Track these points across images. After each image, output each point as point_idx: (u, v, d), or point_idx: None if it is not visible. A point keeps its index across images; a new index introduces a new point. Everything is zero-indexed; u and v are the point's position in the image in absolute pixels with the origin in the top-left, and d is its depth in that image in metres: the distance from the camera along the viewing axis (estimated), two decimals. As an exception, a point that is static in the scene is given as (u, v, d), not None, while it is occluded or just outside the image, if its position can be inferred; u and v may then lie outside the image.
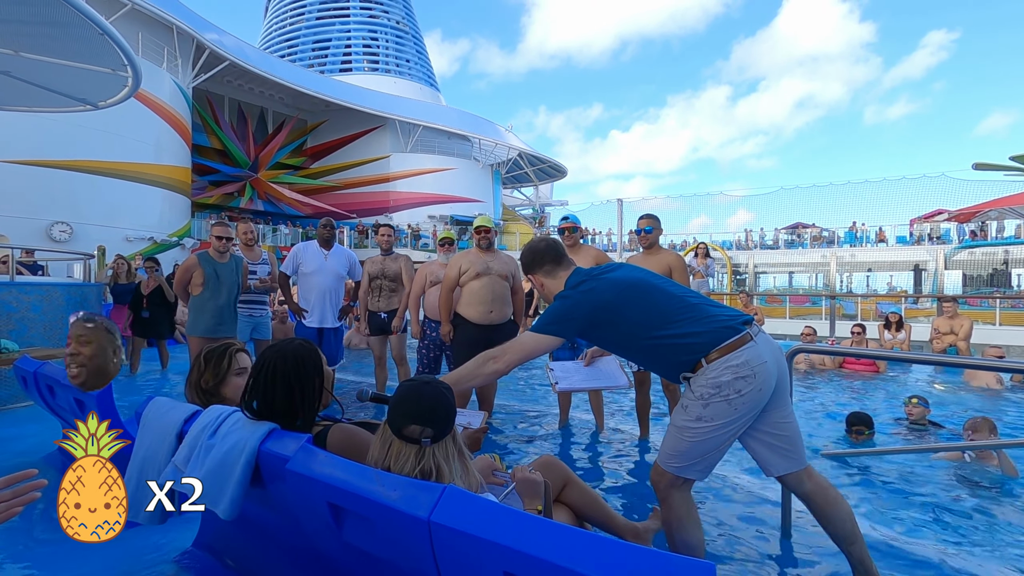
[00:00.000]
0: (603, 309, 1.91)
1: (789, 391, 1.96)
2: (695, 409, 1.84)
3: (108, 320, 2.71)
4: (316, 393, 1.72)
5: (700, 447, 1.85)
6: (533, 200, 40.26)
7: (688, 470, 1.90)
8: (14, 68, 6.04)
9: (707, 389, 1.82)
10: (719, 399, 1.80)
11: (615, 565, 1.00)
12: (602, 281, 1.96)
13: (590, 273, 2.02)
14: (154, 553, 2.14)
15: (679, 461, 1.90)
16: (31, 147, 15.30)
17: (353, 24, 35.58)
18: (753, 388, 1.79)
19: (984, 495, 3.05)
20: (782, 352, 1.94)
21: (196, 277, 4.30)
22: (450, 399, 1.46)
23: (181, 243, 19.56)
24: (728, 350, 1.81)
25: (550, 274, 2.12)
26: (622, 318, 1.91)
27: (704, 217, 37.76)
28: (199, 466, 1.59)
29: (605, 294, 1.92)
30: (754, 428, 1.91)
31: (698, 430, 1.84)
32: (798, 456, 1.93)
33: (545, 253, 2.14)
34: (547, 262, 2.12)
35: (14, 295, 4.98)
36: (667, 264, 3.68)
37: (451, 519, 1.15)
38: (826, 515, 1.94)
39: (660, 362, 1.97)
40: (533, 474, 1.79)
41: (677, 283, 2.04)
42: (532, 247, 2.19)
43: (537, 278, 2.16)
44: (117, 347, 2.63)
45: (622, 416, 4.63)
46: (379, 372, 5.12)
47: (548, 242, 2.19)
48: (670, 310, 1.89)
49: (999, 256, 20.11)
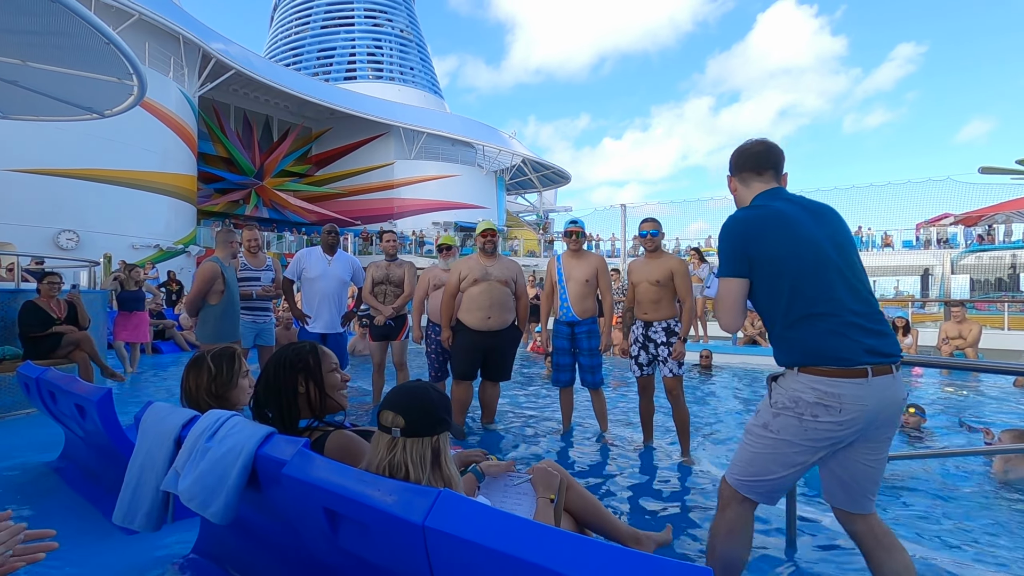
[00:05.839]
0: (755, 244, 1.68)
1: (890, 438, 1.71)
2: (764, 415, 1.70)
3: None
4: (292, 394, 1.72)
5: (761, 460, 1.69)
6: (537, 206, 40.30)
7: (748, 487, 1.73)
8: (21, 78, 6.11)
9: (783, 399, 1.65)
10: (791, 414, 1.63)
11: (612, 570, 0.98)
12: (771, 212, 1.73)
13: (776, 194, 1.79)
14: (153, 559, 2.13)
15: (739, 472, 1.75)
16: (38, 156, 15.44)
17: (358, 33, 35.86)
18: (833, 421, 1.59)
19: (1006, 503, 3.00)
20: (899, 405, 1.66)
21: (218, 284, 4.19)
22: (435, 402, 1.46)
23: (187, 250, 19.66)
24: (827, 373, 1.60)
25: (745, 182, 1.87)
26: (771, 274, 1.67)
27: (701, 222, 37.53)
28: (193, 469, 1.59)
29: (764, 228, 1.69)
30: (832, 454, 1.70)
31: (761, 438, 1.69)
32: (862, 502, 1.74)
33: (750, 158, 1.87)
34: (747, 168, 1.86)
35: (19, 302, 5.00)
36: (669, 269, 3.66)
37: (446, 524, 1.14)
38: (876, 560, 1.73)
39: (773, 343, 1.76)
40: (552, 469, 1.79)
41: (864, 277, 1.72)
42: (743, 147, 1.91)
43: (731, 181, 1.93)
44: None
45: (626, 422, 4.60)
46: (377, 378, 5.11)
47: (762, 147, 1.87)
48: (817, 298, 1.63)
49: (1007, 260, 19.96)
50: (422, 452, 1.40)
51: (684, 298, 3.69)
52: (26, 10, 4.82)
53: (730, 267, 1.74)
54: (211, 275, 4.18)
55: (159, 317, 9.62)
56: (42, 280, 5.11)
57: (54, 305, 5.04)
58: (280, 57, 35.84)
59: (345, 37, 35.71)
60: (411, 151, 30.10)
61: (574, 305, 4.03)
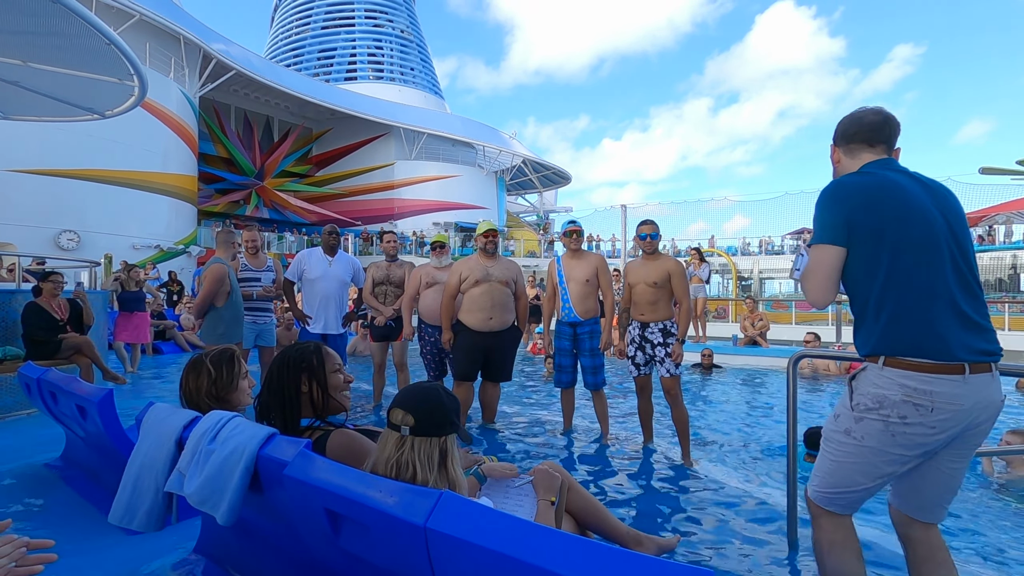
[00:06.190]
0: (860, 211, 1.51)
1: (978, 444, 1.55)
2: (846, 420, 1.54)
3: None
4: (295, 393, 1.74)
5: (845, 470, 1.54)
6: (537, 207, 40.31)
7: (829, 499, 1.60)
8: (22, 78, 6.11)
9: (866, 399, 1.49)
10: (875, 416, 1.47)
11: (613, 572, 0.98)
12: (882, 179, 1.55)
13: (887, 164, 1.63)
14: (154, 560, 2.13)
15: (820, 484, 1.61)
16: (39, 156, 15.46)
17: (358, 33, 35.89)
18: (923, 423, 1.42)
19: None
20: (996, 408, 1.48)
21: (226, 285, 4.21)
22: (446, 403, 1.47)
23: (187, 251, 19.68)
24: (918, 368, 1.42)
25: (853, 154, 1.69)
26: (872, 247, 1.50)
27: (702, 223, 37.55)
28: (199, 472, 1.59)
29: (872, 195, 1.52)
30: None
31: (843, 446, 1.54)
32: (935, 511, 1.60)
33: (864, 128, 1.67)
34: (859, 139, 1.67)
35: (19, 302, 5.01)
36: (666, 270, 3.67)
37: (447, 526, 1.14)
38: (924, 572, 1.62)
39: (858, 328, 1.58)
40: (553, 471, 1.79)
41: (975, 266, 1.56)
42: (856, 115, 1.71)
43: (835, 151, 1.75)
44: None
45: (626, 422, 4.60)
46: (377, 379, 5.11)
47: (879, 118, 1.67)
48: (919, 280, 1.46)
49: (1007, 261, 19.96)
50: (430, 452, 1.41)
51: (681, 299, 3.69)
52: (27, 11, 4.82)
53: (827, 234, 1.54)
54: (219, 277, 4.19)
55: (160, 317, 9.62)
56: (45, 280, 5.11)
57: (56, 306, 5.04)
58: (281, 58, 35.87)
59: (346, 38, 35.73)
60: (411, 151, 30.12)
61: (575, 305, 4.03)
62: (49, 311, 4.95)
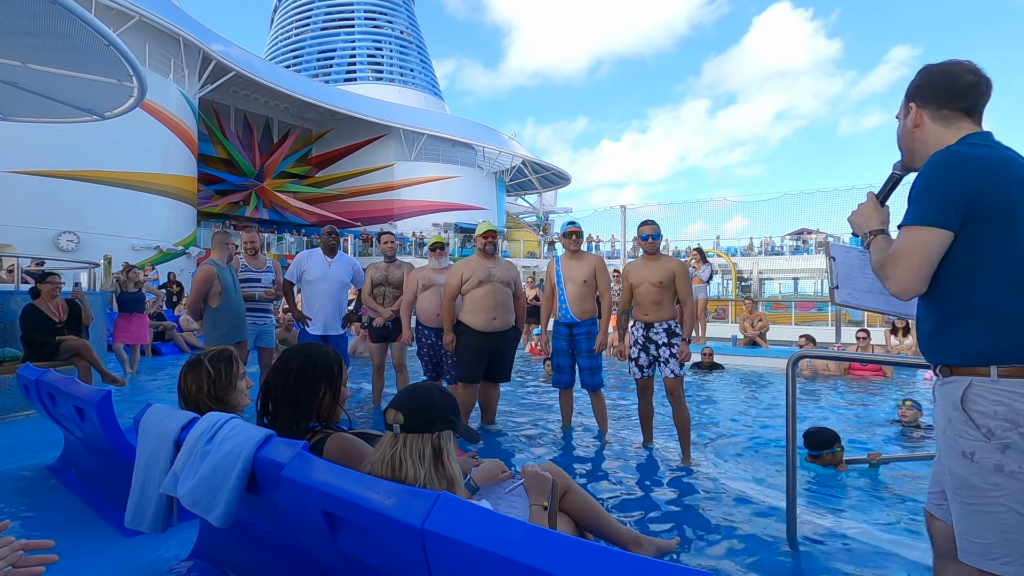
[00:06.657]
0: (987, 189, 1.24)
1: None
2: (988, 454, 1.22)
3: None
4: (311, 396, 1.74)
5: (1014, 518, 1.20)
6: (537, 207, 40.32)
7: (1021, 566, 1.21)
8: (21, 79, 6.11)
9: (1000, 422, 1.22)
10: (1019, 435, 1.20)
11: (612, 573, 0.98)
12: (1004, 155, 1.30)
13: (988, 139, 1.35)
14: (152, 562, 2.13)
15: (1000, 553, 1.21)
16: (38, 158, 15.46)
17: (358, 34, 35.89)
18: None
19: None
20: None
21: (216, 286, 4.27)
22: (437, 400, 1.49)
23: (187, 252, 19.68)
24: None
25: (946, 121, 1.38)
26: (1001, 232, 1.25)
27: (701, 223, 37.54)
28: (192, 473, 1.58)
29: (999, 172, 1.26)
30: None
31: (1003, 488, 1.21)
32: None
33: (965, 90, 1.37)
34: (957, 106, 1.37)
35: (19, 303, 5.00)
36: (670, 270, 3.67)
37: (445, 527, 1.14)
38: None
39: (945, 330, 1.34)
40: (543, 472, 1.78)
41: None
42: (949, 72, 1.39)
43: (919, 114, 1.42)
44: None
45: (625, 422, 4.59)
46: (376, 380, 5.11)
47: (979, 79, 1.37)
48: None
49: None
50: (421, 448, 1.42)
51: (685, 299, 3.69)
52: (26, 12, 4.82)
53: (934, 213, 1.27)
54: (206, 278, 4.27)
55: (159, 319, 9.62)
56: (43, 281, 5.11)
57: (54, 307, 5.03)
58: (280, 59, 35.87)
59: (345, 39, 35.73)
60: (411, 152, 30.13)
61: (572, 306, 4.03)
62: (47, 313, 4.95)
